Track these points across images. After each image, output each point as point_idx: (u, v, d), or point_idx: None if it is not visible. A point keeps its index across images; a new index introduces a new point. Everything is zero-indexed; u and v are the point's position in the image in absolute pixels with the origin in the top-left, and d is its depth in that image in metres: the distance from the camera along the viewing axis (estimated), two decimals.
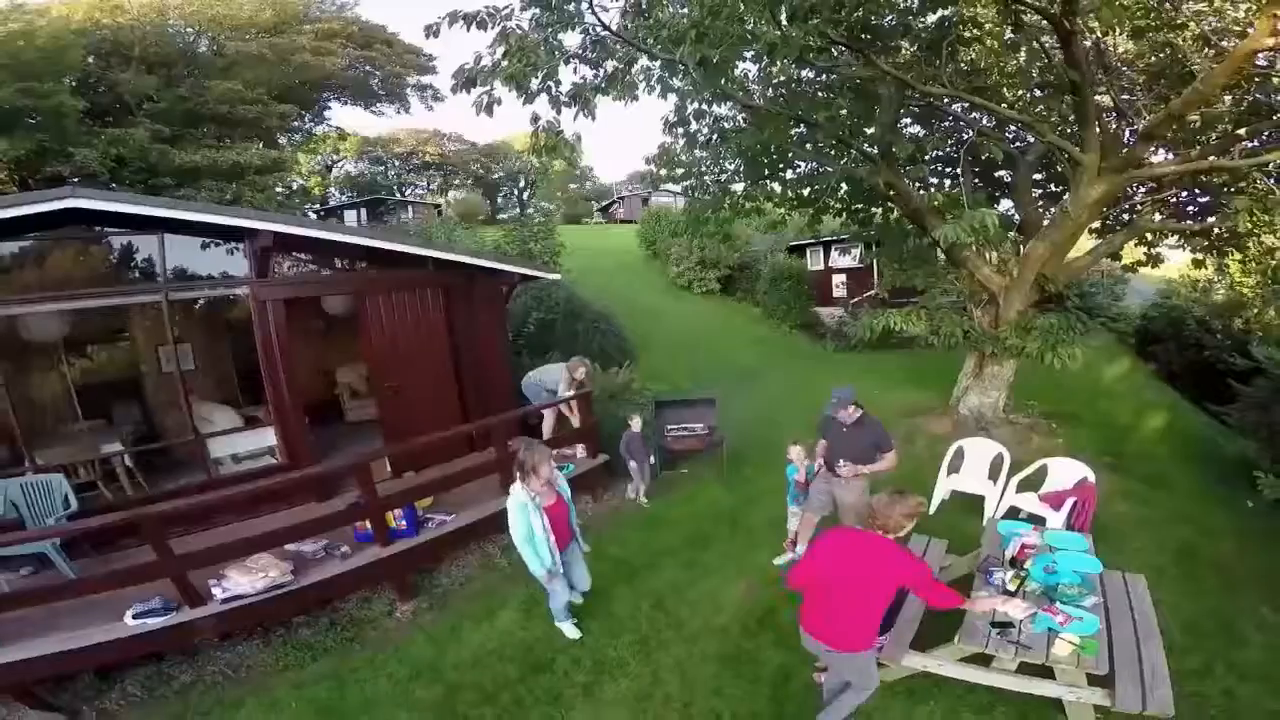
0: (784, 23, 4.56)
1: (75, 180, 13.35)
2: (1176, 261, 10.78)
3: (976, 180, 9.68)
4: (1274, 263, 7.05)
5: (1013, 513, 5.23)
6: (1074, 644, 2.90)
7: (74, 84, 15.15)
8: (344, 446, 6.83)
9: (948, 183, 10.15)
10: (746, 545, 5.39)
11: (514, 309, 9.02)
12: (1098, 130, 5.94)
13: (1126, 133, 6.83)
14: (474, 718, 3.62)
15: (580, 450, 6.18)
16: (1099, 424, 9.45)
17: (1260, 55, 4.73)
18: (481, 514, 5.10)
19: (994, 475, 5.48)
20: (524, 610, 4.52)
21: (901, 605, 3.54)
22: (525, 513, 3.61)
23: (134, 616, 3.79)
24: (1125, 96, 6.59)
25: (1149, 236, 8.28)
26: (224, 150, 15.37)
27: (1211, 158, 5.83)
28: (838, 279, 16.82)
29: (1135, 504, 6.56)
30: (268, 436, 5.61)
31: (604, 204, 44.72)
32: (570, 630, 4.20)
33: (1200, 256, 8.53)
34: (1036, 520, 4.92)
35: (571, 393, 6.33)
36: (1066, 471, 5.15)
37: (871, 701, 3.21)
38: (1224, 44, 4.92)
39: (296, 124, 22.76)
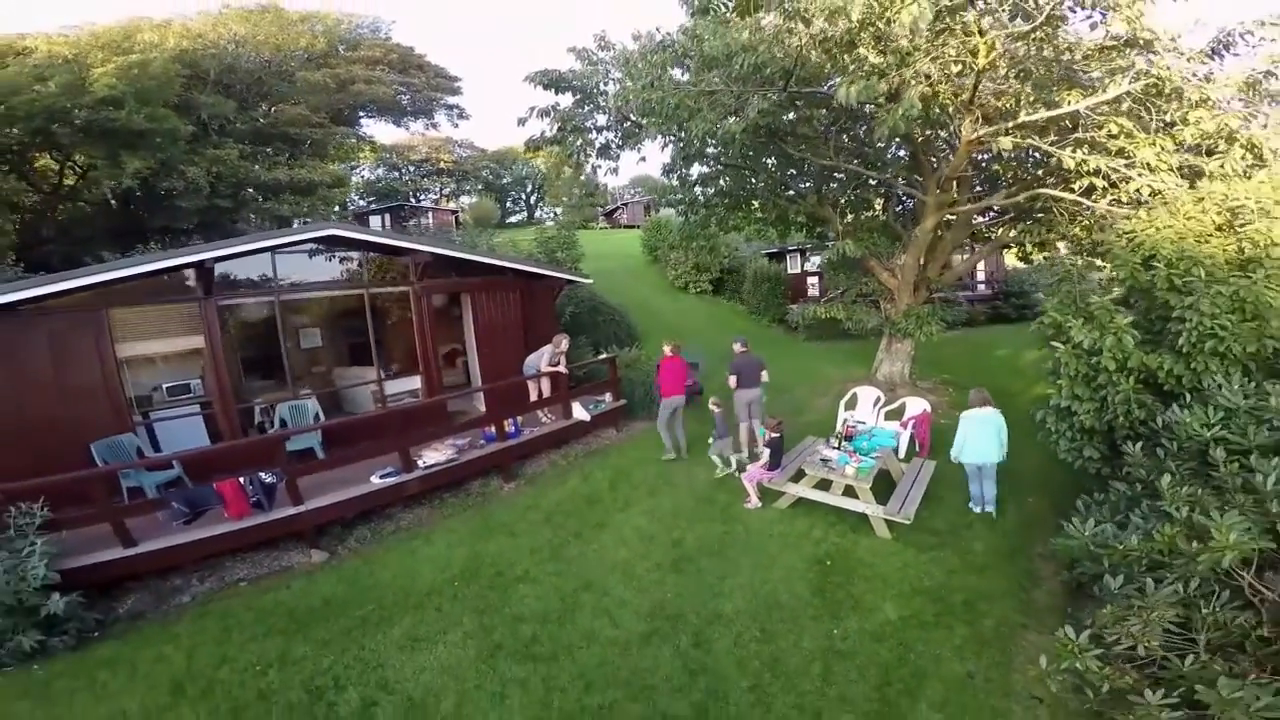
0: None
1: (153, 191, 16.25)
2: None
3: (906, 203, 12.79)
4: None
5: None
6: (855, 467, 6.03)
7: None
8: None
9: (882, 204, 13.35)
10: None
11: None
12: (933, 178, 9.09)
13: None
14: (563, 524, 6.69)
15: (608, 396, 9.29)
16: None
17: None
18: (543, 431, 8.25)
19: (875, 408, 8.61)
20: (582, 479, 7.69)
21: (782, 452, 6.64)
22: None
23: (379, 477, 6.68)
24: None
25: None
26: (299, 169, 18.34)
27: (1018, 197, 8.94)
28: (811, 281, 19.58)
29: None
30: (411, 383, 8.75)
31: (608, 209, 46.96)
32: None
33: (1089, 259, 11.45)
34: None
35: (548, 362, 8.48)
36: (915, 405, 8.28)
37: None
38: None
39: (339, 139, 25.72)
